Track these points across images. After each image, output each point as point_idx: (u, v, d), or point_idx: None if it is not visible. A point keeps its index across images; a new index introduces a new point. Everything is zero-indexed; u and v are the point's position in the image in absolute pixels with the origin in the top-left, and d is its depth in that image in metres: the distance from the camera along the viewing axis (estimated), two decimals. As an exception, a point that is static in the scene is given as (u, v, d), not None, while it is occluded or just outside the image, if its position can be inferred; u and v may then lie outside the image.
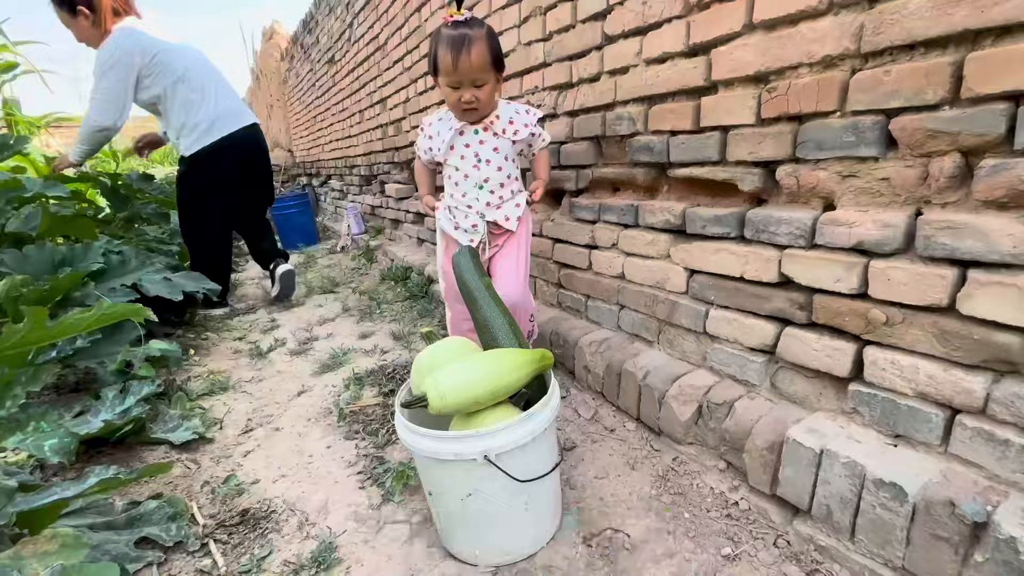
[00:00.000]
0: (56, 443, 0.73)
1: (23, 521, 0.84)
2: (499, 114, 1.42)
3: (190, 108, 2.30)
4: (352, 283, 3.14)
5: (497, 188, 1.44)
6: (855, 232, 0.90)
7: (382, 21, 3.23)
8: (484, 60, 1.27)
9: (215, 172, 2.38)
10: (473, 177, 1.44)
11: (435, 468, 0.94)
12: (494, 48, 1.29)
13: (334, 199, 5.48)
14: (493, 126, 1.42)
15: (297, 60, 6.25)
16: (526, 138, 1.44)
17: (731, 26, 1.06)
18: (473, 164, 1.44)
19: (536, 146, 1.51)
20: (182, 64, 2.27)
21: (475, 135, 1.43)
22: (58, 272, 1.62)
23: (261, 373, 1.95)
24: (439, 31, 1.28)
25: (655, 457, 1.25)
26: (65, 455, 0.74)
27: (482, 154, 1.43)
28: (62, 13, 2.15)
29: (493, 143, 1.42)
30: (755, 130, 1.05)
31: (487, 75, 1.30)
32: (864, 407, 0.94)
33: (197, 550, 1.06)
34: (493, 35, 1.30)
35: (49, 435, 0.74)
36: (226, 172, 2.41)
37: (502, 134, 1.42)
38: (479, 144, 1.43)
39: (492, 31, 1.30)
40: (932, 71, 0.78)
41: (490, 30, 1.30)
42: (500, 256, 1.48)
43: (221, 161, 2.37)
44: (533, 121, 1.44)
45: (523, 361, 0.98)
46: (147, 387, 1.46)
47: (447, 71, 1.27)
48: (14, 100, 5.15)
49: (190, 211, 2.46)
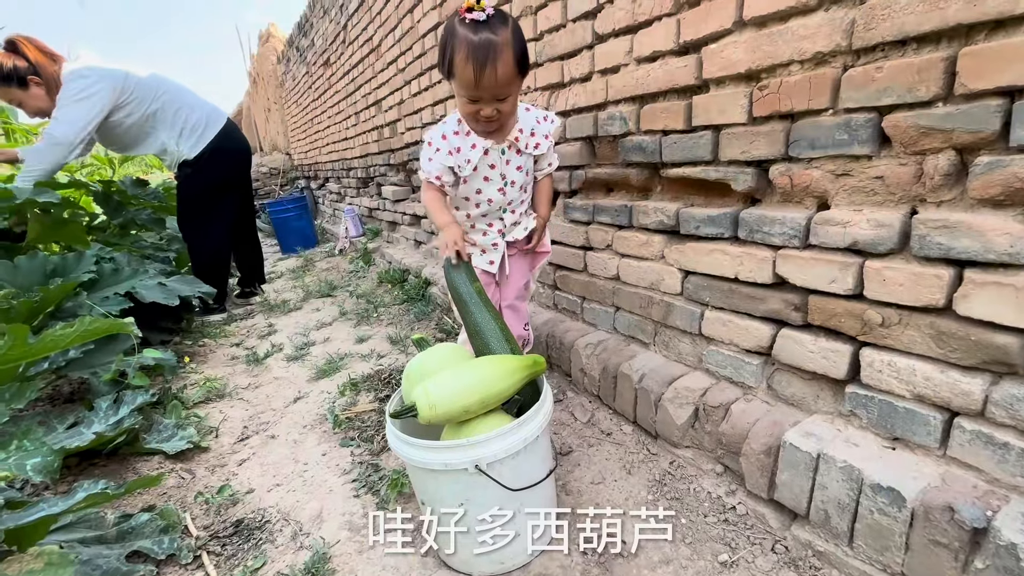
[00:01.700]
0: (39, 462, 0.72)
1: (11, 538, 0.83)
2: (522, 127, 1.22)
3: (181, 115, 2.37)
4: (350, 286, 3.13)
5: (519, 207, 1.33)
6: (849, 232, 0.88)
7: (376, 23, 3.22)
8: (510, 72, 1.06)
9: (222, 168, 2.50)
10: (497, 202, 1.27)
11: (427, 478, 0.92)
12: (521, 52, 1.07)
13: (332, 202, 5.47)
14: (518, 142, 1.23)
15: (293, 63, 6.24)
16: (545, 153, 1.27)
17: (721, 23, 1.05)
18: (499, 187, 1.26)
19: (542, 167, 1.33)
20: (156, 85, 2.33)
21: (501, 155, 1.23)
22: (50, 282, 1.61)
23: (258, 379, 1.95)
24: (455, 28, 1.05)
25: (652, 461, 1.23)
26: (48, 474, 0.73)
27: (508, 175, 1.25)
28: (10, 91, 2.11)
29: (518, 161, 1.25)
30: (747, 129, 1.04)
31: (512, 87, 1.10)
32: (861, 409, 0.92)
33: (190, 562, 1.05)
34: (519, 34, 1.08)
35: (32, 453, 0.73)
36: (231, 167, 2.55)
37: (526, 149, 1.24)
38: (505, 164, 1.24)
39: (517, 28, 1.08)
40: (925, 67, 0.76)
41: (515, 27, 1.07)
42: (511, 260, 1.38)
43: (225, 156, 2.49)
44: (551, 130, 1.26)
45: (514, 367, 0.96)
46: (141, 397, 1.45)
47: (466, 85, 1.07)
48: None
49: (197, 212, 2.50)
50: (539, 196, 1.37)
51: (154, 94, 2.31)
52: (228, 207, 2.60)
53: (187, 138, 2.38)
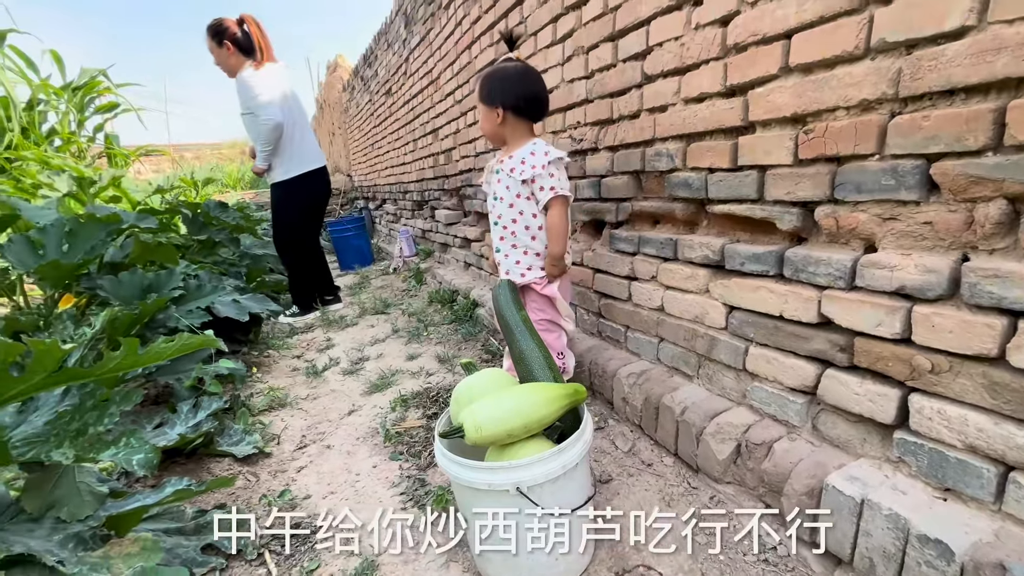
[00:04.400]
0: (143, 458, 0.84)
1: (111, 523, 0.95)
2: (516, 152, 1.46)
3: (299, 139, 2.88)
4: (402, 304, 3.27)
5: (509, 224, 1.49)
6: (897, 276, 0.88)
7: (435, 56, 3.41)
8: (477, 95, 1.49)
9: (319, 189, 3.04)
10: (490, 214, 1.55)
11: (470, 496, 0.98)
12: (484, 87, 1.48)
13: (388, 222, 5.74)
14: (504, 163, 1.47)
15: (357, 91, 6.65)
16: (530, 178, 1.42)
17: (768, 68, 1.08)
18: (492, 199, 1.54)
19: (539, 197, 1.44)
20: (298, 108, 2.92)
21: (495, 173, 1.52)
22: (146, 296, 1.82)
23: (316, 391, 2.08)
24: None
25: (692, 495, 1.24)
26: (149, 469, 0.85)
27: (497, 192, 1.51)
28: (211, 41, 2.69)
29: (506, 181, 1.47)
30: (792, 170, 1.05)
31: (480, 111, 1.51)
32: (911, 457, 0.90)
33: (254, 559, 1.15)
34: (488, 76, 1.48)
35: (137, 450, 0.85)
36: (325, 192, 3.11)
37: (510, 173, 1.45)
38: (497, 182, 1.52)
39: (494, 72, 1.48)
40: (973, 117, 0.77)
41: (494, 71, 1.49)
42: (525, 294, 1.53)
43: (323, 181, 3.06)
44: (540, 164, 1.41)
45: (556, 395, 1.01)
46: (216, 403, 1.60)
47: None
48: (114, 135, 5.80)
49: (296, 222, 2.98)
50: (547, 229, 1.49)
51: (293, 117, 2.83)
52: (318, 221, 3.18)
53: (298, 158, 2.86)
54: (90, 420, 0.89)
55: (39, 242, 1.80)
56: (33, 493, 0.87)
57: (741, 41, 1.13)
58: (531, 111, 1.49)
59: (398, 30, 4.28)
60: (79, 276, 1.87)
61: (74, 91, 5.21)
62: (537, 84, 1.50)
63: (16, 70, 4.51)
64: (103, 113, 5.59)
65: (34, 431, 0.90)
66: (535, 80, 1.50)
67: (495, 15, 2.35)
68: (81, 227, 1.84)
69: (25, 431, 0.91)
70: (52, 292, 1.95)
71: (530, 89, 1.47)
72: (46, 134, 4.87)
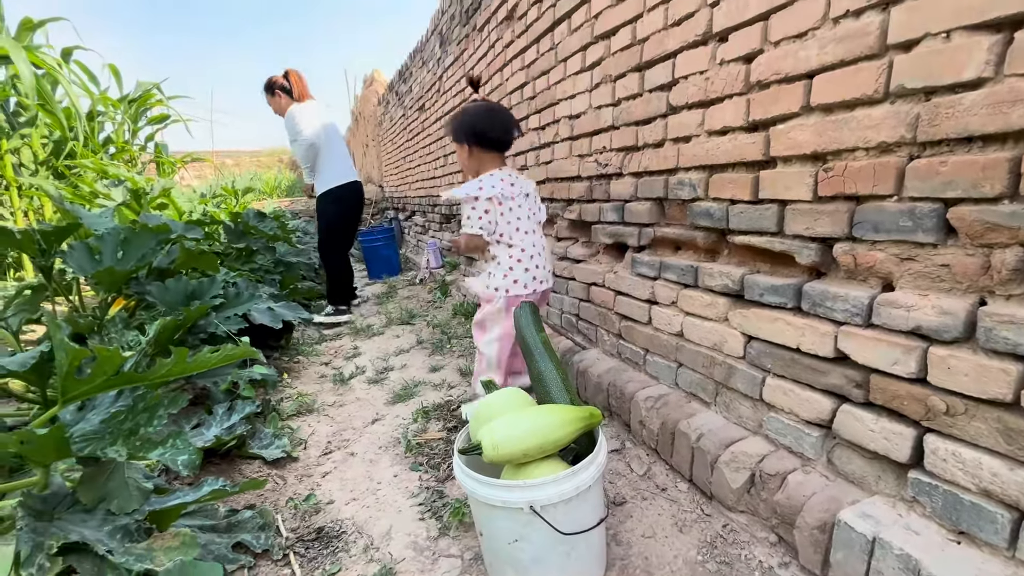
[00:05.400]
0: (186, 459, 0.91)
1: (153, 518, 1.03)
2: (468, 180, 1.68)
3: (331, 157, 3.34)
4: (427, 316, 3.35)
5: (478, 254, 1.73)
6: (913, 316, 0.89)
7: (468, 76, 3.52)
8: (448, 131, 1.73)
9: (353, 200, 3.45)
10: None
11: (486, 511, 1.02)
12: (452, 127, 1.70)
13: (416, 233, 5.87)
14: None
15: (392, 105, 6.86)
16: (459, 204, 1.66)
17: (789, 106, 1.11)
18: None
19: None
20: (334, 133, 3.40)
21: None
22: (189, 302, 1.93)
23: (342, 398, 2.16)
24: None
25: (705, 522, 1.25)
26: (192, 469, 0.92)
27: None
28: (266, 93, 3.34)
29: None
30: (812, 206, 1.07)
31: (455, 146, 1.71)
32: (925, 497, 0.90)
33: (280, 559, 1.21)
34: (455, 116, 1.71)
35: (182, 451, 0.92)
36: (358, 202, 3.53)
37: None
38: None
39: (457, 114, 1.71)
40: (990, 165, 0.78)
41: (455, 114, 1.74)
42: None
43: (356, 193, 3.46)
44: (461, 194, 1.62)
45: (571, 418, 1.05)
46: (249, 407, 1.69)
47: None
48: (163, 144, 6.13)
49: (339, 229, 3.41)
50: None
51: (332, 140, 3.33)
52: (355, 229, 3.62)
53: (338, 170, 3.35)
54: (141, 421, 0.97)
55: (96, 249, 1.94)
56: (88, 486, 0.95)
57: (764, 79, 1.16)
58: (495, 143, 1.68)
59: (433, 49, 4.43)
60: (129, 281, 2.01)
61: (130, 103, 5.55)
62: (497, 117, 1.70)
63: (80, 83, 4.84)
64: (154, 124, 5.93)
65: (91, 428, 0.99)
66: (497, 113, 1.71)
67: (527, 40, 2.43)
68: (135, 236, 1.97)
69: (83, 428, 1.00)
70: (105, 295, 2.09)
71: (491, 123, 1.66)
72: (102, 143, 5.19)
